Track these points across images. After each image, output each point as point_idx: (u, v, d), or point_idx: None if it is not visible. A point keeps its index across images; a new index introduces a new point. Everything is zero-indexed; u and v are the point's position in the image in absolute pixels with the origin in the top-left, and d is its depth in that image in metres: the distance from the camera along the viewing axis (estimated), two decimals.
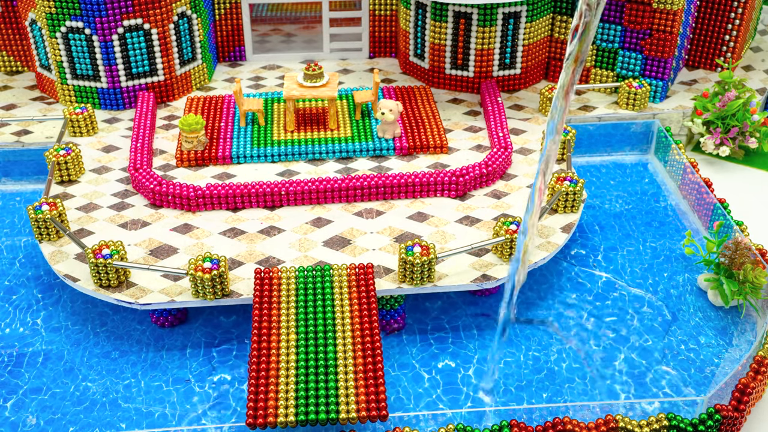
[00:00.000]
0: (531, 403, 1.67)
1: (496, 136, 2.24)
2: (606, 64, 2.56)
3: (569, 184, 1.99)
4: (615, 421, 1.53)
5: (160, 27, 2.41)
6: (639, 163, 2.44)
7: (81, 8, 2.32)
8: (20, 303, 1.92)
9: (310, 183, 2.04)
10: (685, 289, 1.95)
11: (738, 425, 1.60)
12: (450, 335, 1.83)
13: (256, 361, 1.60)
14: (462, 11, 2.45)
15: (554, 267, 2.01)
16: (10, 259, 2.05)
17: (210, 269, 1.71)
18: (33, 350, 1.80)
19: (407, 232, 1.96)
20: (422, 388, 1.70)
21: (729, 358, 1.77)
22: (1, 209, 2.23)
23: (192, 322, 1.87)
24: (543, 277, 1.99)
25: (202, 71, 2.61)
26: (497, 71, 2.54)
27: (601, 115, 2.45)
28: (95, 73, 2.42)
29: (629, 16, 2.45)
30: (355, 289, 1.75)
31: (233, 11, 2.72)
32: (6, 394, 1.69)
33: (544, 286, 1.96)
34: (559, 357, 1.77)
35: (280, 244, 1.92)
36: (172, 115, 2.46)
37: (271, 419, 1.50)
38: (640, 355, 1.77)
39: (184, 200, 2.02)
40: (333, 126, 2.30)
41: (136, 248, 1.90)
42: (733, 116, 2.39)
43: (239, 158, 2.21)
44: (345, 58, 2.83)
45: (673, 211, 2.22)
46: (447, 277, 1.80)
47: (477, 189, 2.11)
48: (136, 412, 1.65)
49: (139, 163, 2.13)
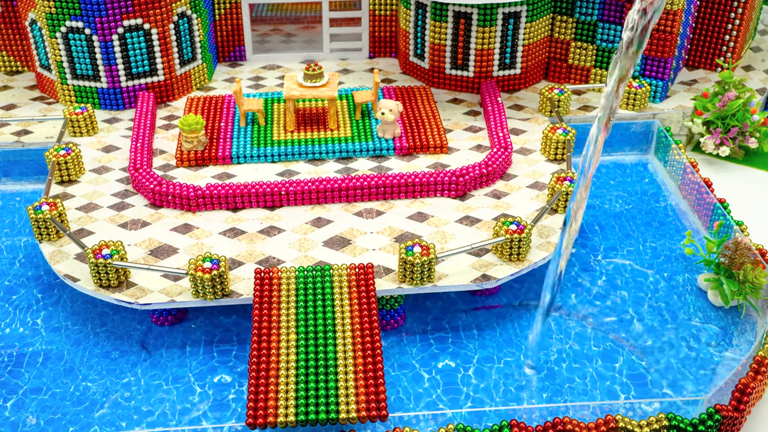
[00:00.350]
0: (531, 403, 1.67)
1: (496, 136, 2.24)
2: (606, 64, 2.56)
3: (569, 184, 1.99)
4: (615, 421, 1.53)
5: (160, 27, 2.41)
6: (639, 163, 2.44)
7: (81, 8, 2.32)
8: (20, 303, 1.92)
9: (310, 183, 2.04)
10: (685, 289, 1.95)
11: (738, 425, 1.60)
12: (450, 335, 1.83)
13: (256, 361, 1.60)
14: (462, 11, 2.45)
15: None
16: (10, 259, 2.05)
17: (210, 269, 1.71)
18: (33, 350, 1.80)
19: (407, 232, 1.96)
20: (422, 388, 1.70)
21: (729, 358, 1.77)
22: (1, 209, 2.23)
23: (192, 321, 1.87)
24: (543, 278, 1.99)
25: (202, 71, 2.61)
26: (497, 71, 2.54)
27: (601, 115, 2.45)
28: (95, 73, 2.42)
29: None
30: (355, 289, 1.75)
31: (233, 11, 2.72)
32: (6, 394, 1.69)
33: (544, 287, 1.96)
34: (559, 357, 1.77)
35: (280, 244, 1.92)
36: (172, 115, 2.46)
37: (271, 419, 1.50)
38: (640, 357, 1.77)
39: (184, 200, 2.02)
40: (333, 126, 2.30)
41: (136, 248, 1.90)
42: (733, 116, 2.39)
43: (239, 158, 2.21)
44: (345, 58, 2.83)
45: (673, 211, 2.22)
46: (447, 277, 1.80)
47: (477, 189, 2.11)
48: (136, 411, 1.65)
49: (139, 163, 2.13)
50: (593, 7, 2.50)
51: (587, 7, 2.51)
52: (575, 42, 2.58)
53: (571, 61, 2.61)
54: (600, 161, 2.45)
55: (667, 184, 2.32)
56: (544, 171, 2.18)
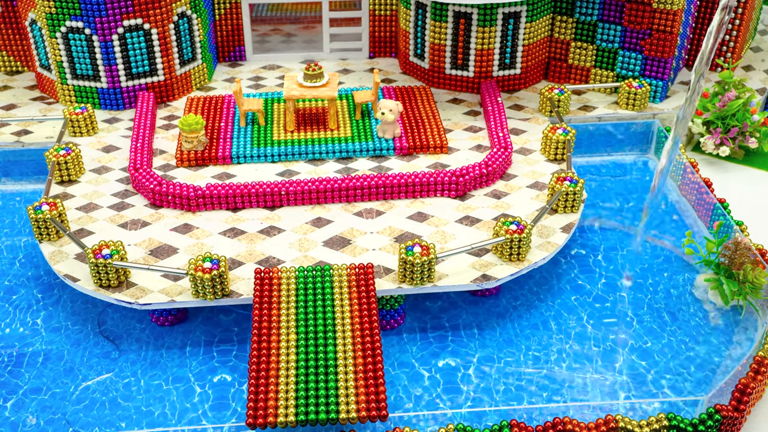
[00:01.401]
0: (531, 403, 1.67)
1: (496, 136, 2.24)
2: (606, 64, 2.56)
3: (569, 184, 1.99)
4: (615, 421, 1.53)
5: (160, 27, 2.41)
6: (639, 162, 2.44)
7: (81, 8, 2.32)
8: (20, 303, 1.92)
9: (310, 183, 2.04)
10: (685, 289, 1.95)
11: (738, 425, 1.60)
12: (450, 334, 1.83)
13: (256, 361, 1.60)
14: (462, 11, 2.44)
15: (553, 268, 2.02)
16: (10, 259, 2.05)
17: (210, 269, 1.71)
18: (33, 350, 1.80)
19: (407, 232, 1.96)
20: (422, 387, 1.70)
21: (729, 357, 1.77)
22: (1, 209, 2.23)
23: (192, 320, 1.88)
24: (543, 279, 1.99)
25: (202, 71, 2.61)
26: (497, 71, 2.54)
27: (601, 115, 2.45)
28: (95, 73, 2.42)
29: (629, 16, 2.45)
30: (355, 289, 1.75)
31: (233, 11, 2.72)
32: (6, 394, 1.69)
33: (544, 287, 1.96)
34: (559, 357, 1.77)
35: (280, 244, 1.92)
36: (172, 115, 2.45)
37: (271, 419, 1.50)
38: (640, 357, 1.77)
39: (184, 200, 2.02)
40: (333, 126, 2.30)
41: (136, 248, 1.90)
42: (733, 116, 2.39)
43: (239, 158, 2.21)
44: (345, 58, 2.82)
45: (673, 210, 2.22)
46: (447, 277, 1.80)
47: (477, 189, 2.11)
48: (135, 411, 1.65)
49: (139, 163, 2.13)
50: (593, 7, 2.50)
51: (587, 7, 2.51)
52: (575, 42, 2.58)
53: (571, 61, 2.61)
54: (600, 161, 2.45)
55: (667, 184, 2.32)
56: (544, 171, 2.18)
